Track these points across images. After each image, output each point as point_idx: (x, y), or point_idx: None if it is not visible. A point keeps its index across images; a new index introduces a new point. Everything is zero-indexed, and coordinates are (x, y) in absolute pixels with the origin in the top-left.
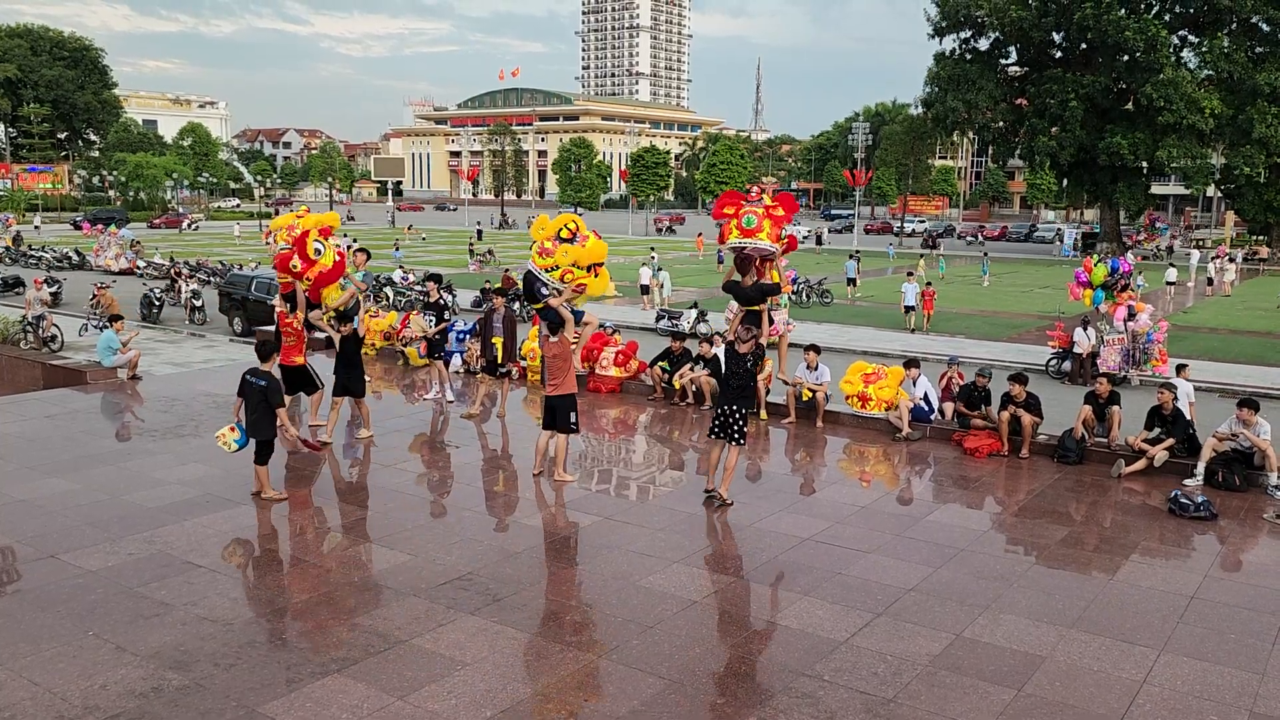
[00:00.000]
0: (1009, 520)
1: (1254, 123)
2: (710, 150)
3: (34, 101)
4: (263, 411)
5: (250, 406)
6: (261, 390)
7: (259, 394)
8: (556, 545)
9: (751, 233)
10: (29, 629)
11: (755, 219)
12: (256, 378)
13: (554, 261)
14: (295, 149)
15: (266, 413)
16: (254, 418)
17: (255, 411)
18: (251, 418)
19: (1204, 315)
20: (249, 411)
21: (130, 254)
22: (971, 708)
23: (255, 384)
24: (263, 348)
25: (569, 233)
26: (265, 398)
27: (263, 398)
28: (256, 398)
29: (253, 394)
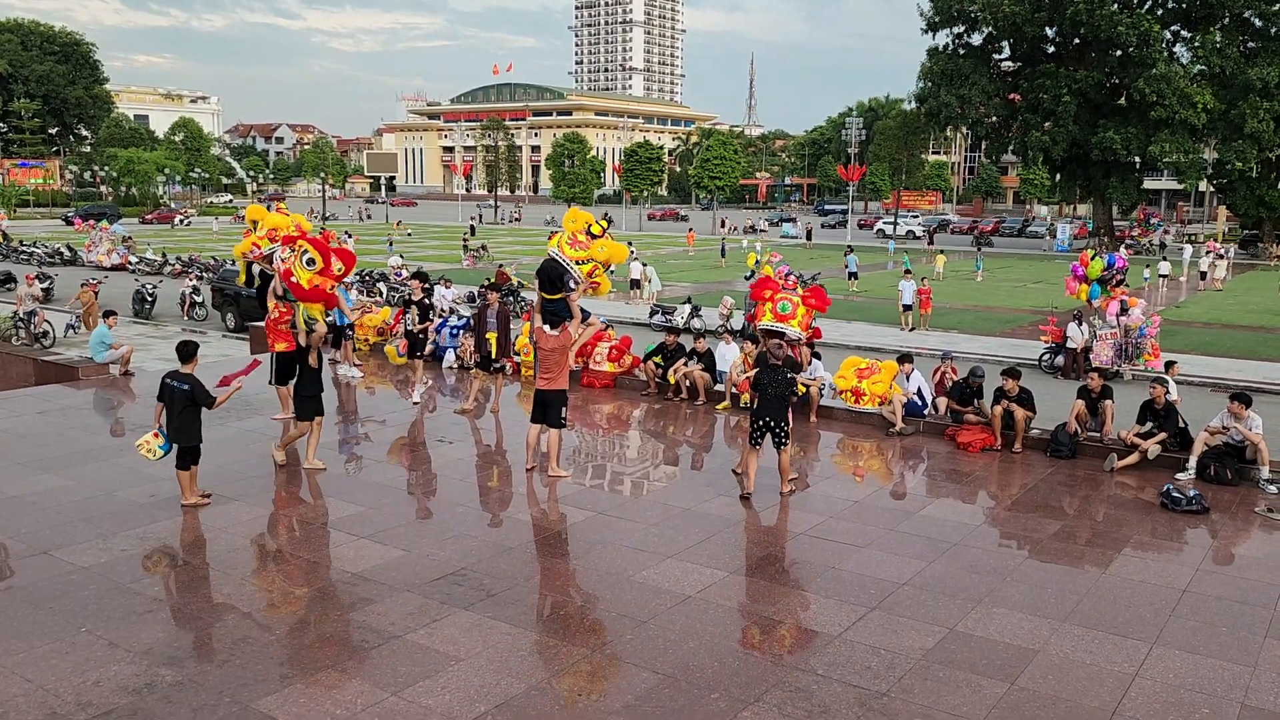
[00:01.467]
0: (1002, 515)
1: (1246, 118)
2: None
3: (25, 97)
4: (188, 416)
5: (173, 412)
6: (186, 394)
7: (183, 398)
8: (550, 540)
9: (785, 318)
10: (21, 626)
11: (790, 306)
12: (178, 381)
13: (588, 255)
14: (288, 144)
15: (192, 417)
16: (178, 423)
17: (179, 417)
18: (175, 423)
19: (1196, 310)
20: (171, 417)
21: (122, 249)
22: (965, 701)
23: (178, 388)
24: (184, 349)
25: (600, 229)
26: (192, 401)
27: (188, 401)
28: (180, 402)
29: (176, 398)
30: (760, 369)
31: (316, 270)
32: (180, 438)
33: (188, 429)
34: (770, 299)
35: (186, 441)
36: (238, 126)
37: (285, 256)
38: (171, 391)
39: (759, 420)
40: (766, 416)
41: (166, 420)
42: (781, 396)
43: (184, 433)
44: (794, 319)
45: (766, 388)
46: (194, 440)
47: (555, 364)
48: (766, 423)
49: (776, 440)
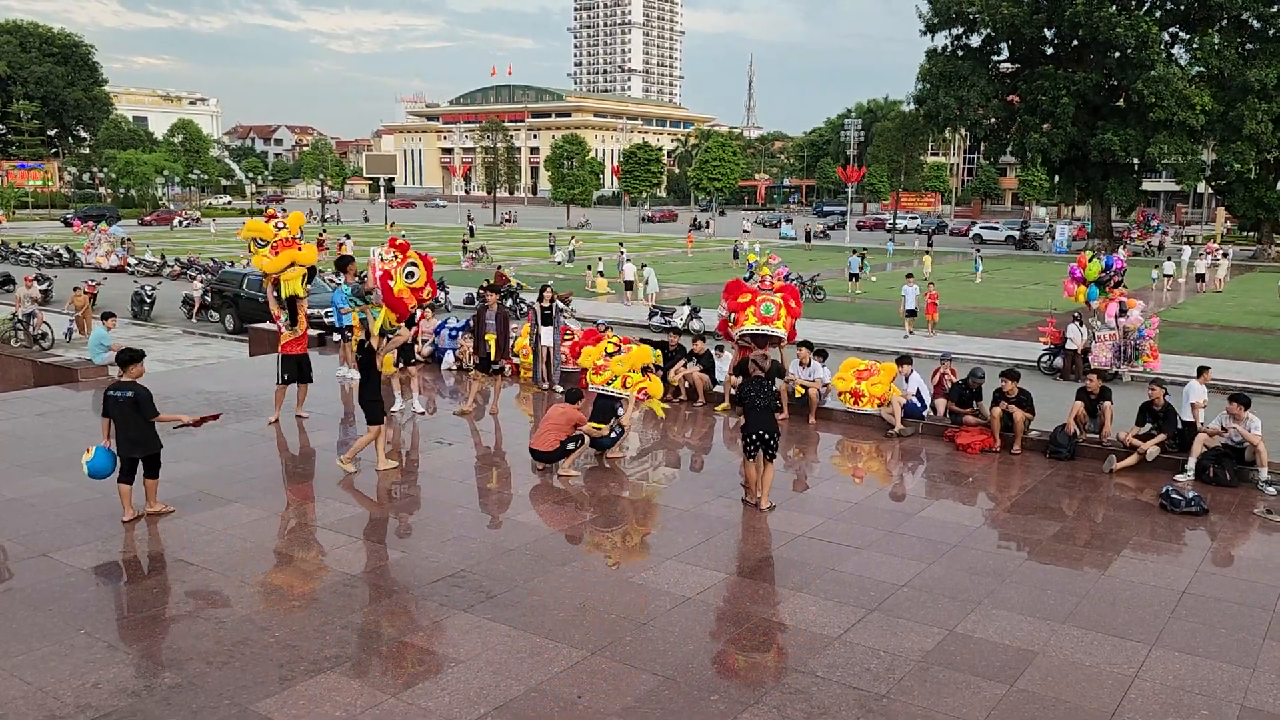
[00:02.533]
0: (1001, 516)
1: (1245, 119)
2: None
3: (23, 98)
4: (139, 424)
5: (123, 423)
6: (131, 402)
7: (129, 406)
8: (549, 542)
9: (769, 320)
10: (20, 628)
11: (774, 308)
12: (121, 390)
13: (611, 374)
14: (287, 146)
15: (144, 424)
16: (133, 434)
17: (132, 427)
18: (130, 434)
19: (1195, 311)
20: (123, 429)
21: (121, 251)
22: (964, 703)
23: (122, 397)
24: (124, 356)
25: (614, 347)
26: (136, 410)
27: (134, 410)
28: (127, 412)
29: (123, 408)
30: (745, 382)
31: (412, 284)
32: (137, 449)
33: (144, 438)
34: (751, 303)
35: (145, 451)
36: (237, 128)
37: (388, 258)
38: (116, 403)
39: (751, 435)
40: (760, 430)
41: (117, 433)
42: (770, 408)
43: (141, 443)
44: (778, 320)
45: (755, 400)
46: (154, 448)
47: (554, 431)
48: (761, 436)
49: (769, 454)
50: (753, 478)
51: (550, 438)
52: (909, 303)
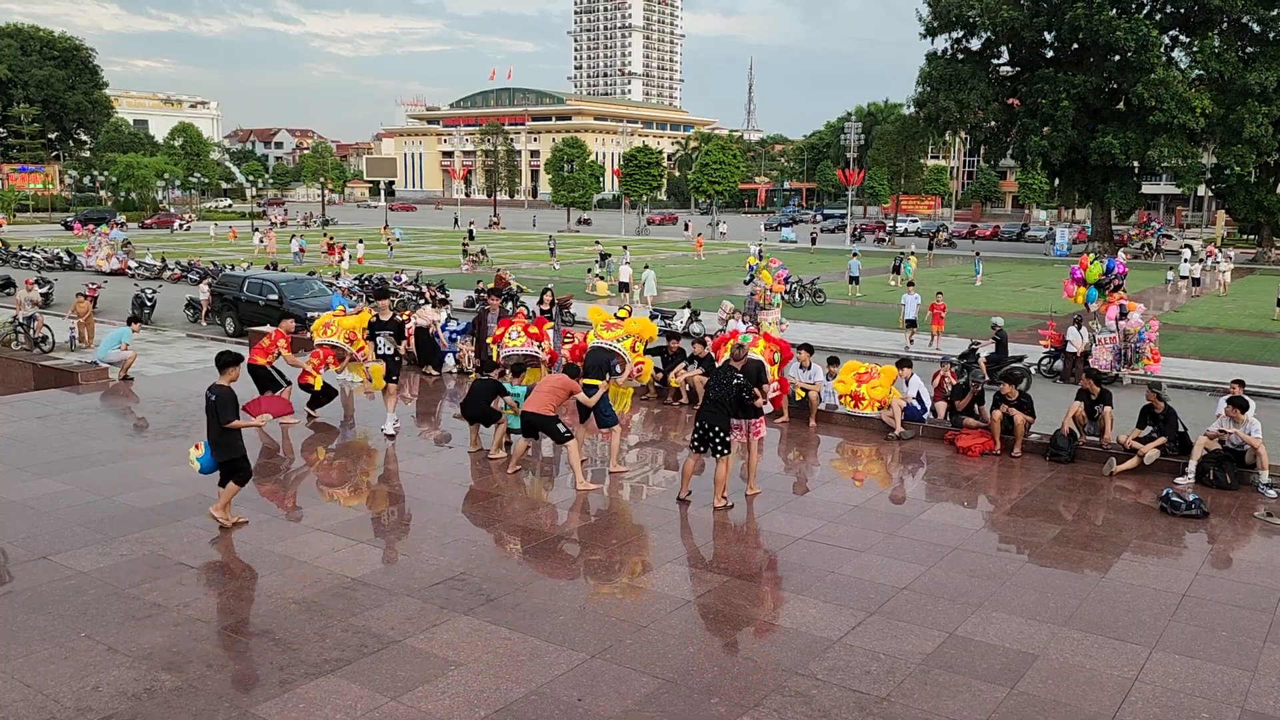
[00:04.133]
0: (1001, 519)
1: (1244, 122)
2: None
3: (24, 101)
4: (215, 428)
5: (207, 424)
6: (211, 405)
7: (209, 409)
8: (549, 545)
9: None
10: (21, 631)
11: (751, 338)
12: (210, 392)
13: (623, 331)
14: (287, 149)
15: (219, 430)
16: (210, 436)
17: (210, 429)
18: (210, 436)
19: (1195, 314)
20: (209, 429)
21: (121, 254)
22: (964, 706)
23: (208, 399)
24: (220, 359)
25: (625, 314)
26: (214, 413)
27: (213, 412)
28: (209, 414)
29: (208, 410)
30: (716, 370)
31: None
32: (216, 451)
33: (219, 441)
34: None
35: (222, 455)
36: (237, 131)
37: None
38: (206, 403)
39: (698, 425)
40: (705, 422)
41: (208, 433)
42: (721, 401)
43: (218, 446)
44: (756, 348)
45: (709, 390)
46: (229, 455)
47: (549, 394)
48: (703, 429)
49: (714, 449)
50: (689, 473)
51: (544, 399)
52: (909, 312)
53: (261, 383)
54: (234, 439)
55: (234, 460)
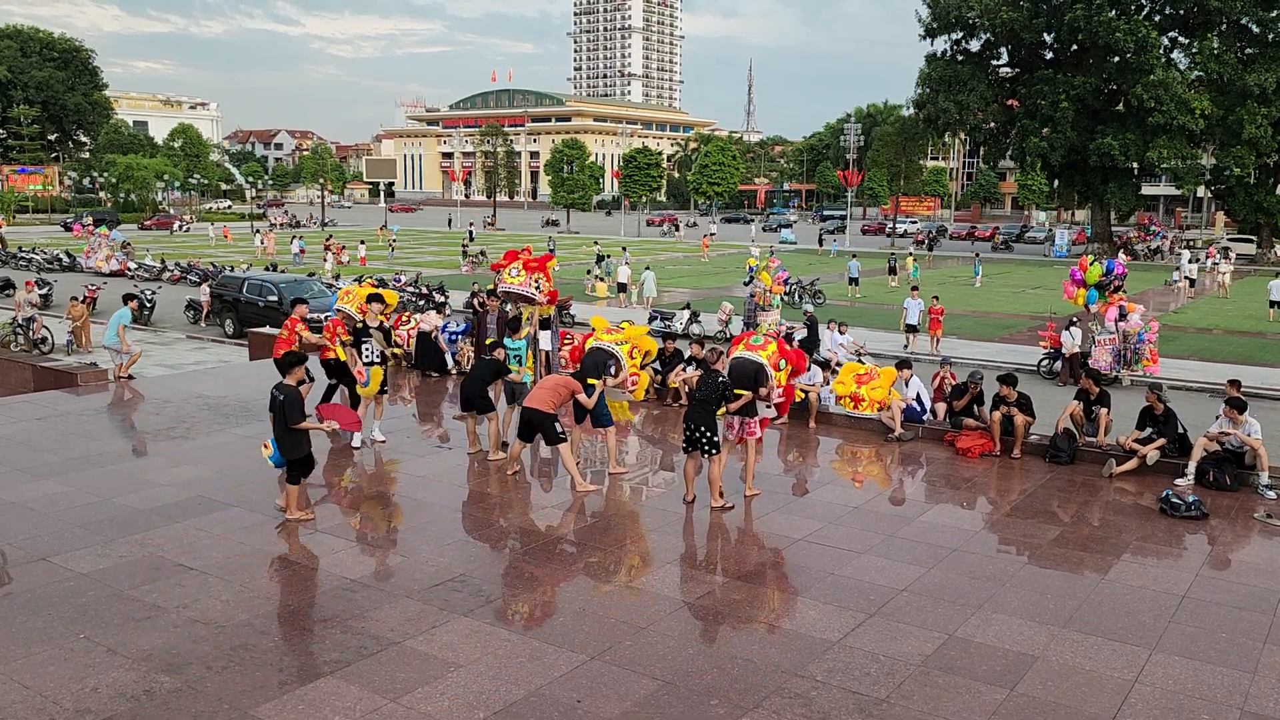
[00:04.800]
0: (1001, 520)
1: (1244, 123)
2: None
3: (24, 103)
4: (280, 427)
5: (275, 422)
6: (279, 405)
7: (276, 408)
8: (549, 546)
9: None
10: (20, 632)
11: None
12: (277, 391)
13: (623, 336)
14: (287, 150)
15: (284, 429)
16: (278, 434)
17: (275, 428)
18: (277, 434)
19: (1194, 315)
20: (274, 428)
21: (121, 255)
22: (964, 707)
23: (275, 398)
24: (284, 359)
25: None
26: (281, 412)
27: (280, 412)
28: (275, 413)
29: (274, 409)
30: (703, 373)
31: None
32: (284, 449)
33: (284, 440)
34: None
35: (287, 454)
36: (237, 132)
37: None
38: (271, 402)
39: (686, 426)
40: (690, 424)
41: (273, 431)
42: (707, 401)
43: (286, 444)
44: (764, 350)
45: (696, 391)
46: (295, 453)
47: (550, 391)
48: (690, 430)
49: (704, 449)
50: (690, 475)
51: (545, 397)
52: (910, 316)
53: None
54: (300, 438)
55: (299, 460)
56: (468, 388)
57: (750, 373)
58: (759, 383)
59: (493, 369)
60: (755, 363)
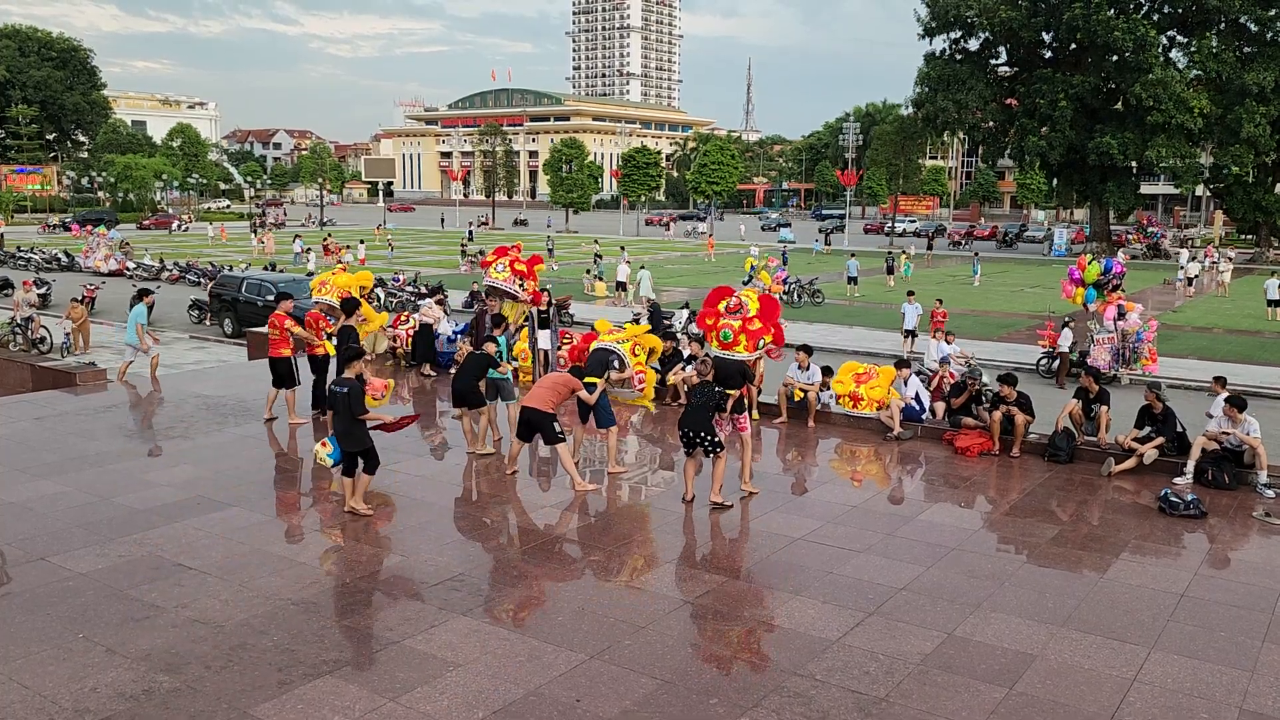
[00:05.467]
0: (1000, 519)
1: (1242, 122)
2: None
3: (22, 102)
4: (349, 421)
5: (335, 417)
6: (344, 398)
7: (342, 402)
8: (548, 546)
9: (728, 346)
10: (19, 632)
11: (731, 334)
12: (340, 386)
13: (625, 335)
14: (285, 150)
15: (349, 422)
16: (342, 428)
17: (340, 422)
18: (340, 428)
19: (1193, 314)
20: (335, 423)
21: (120, 255)
22: (963, 706)
23: (338, 392)
24: (344, 354)
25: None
26: (347, 406)
27: (345, 406)
28: (340, 407)
29: (337, 402)
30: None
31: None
32: (345, 442)
33: (349, 433)
34: (715, 326)
35: (351, 446)
36: (235, 132)
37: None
38: (333, 397)
39: (682, 431)
40: (688, 428)
41: (333, 426)
42: (703, 407)
43: (349, 437)
44: (738, 345)
45: (692, 396)
46: (359, 445)
47: (550, 390)
48: (688, 435)
49: (707, 451)
50: (690, 475)
51: (545, 396)
52: (909, 321)
53: (281, 377)
54: (364, 430)
55: (366, 450)
56: (458, 382)
57: (736, 371)
58: (746, 378)
59: (483, 363)
60: (737, 362)
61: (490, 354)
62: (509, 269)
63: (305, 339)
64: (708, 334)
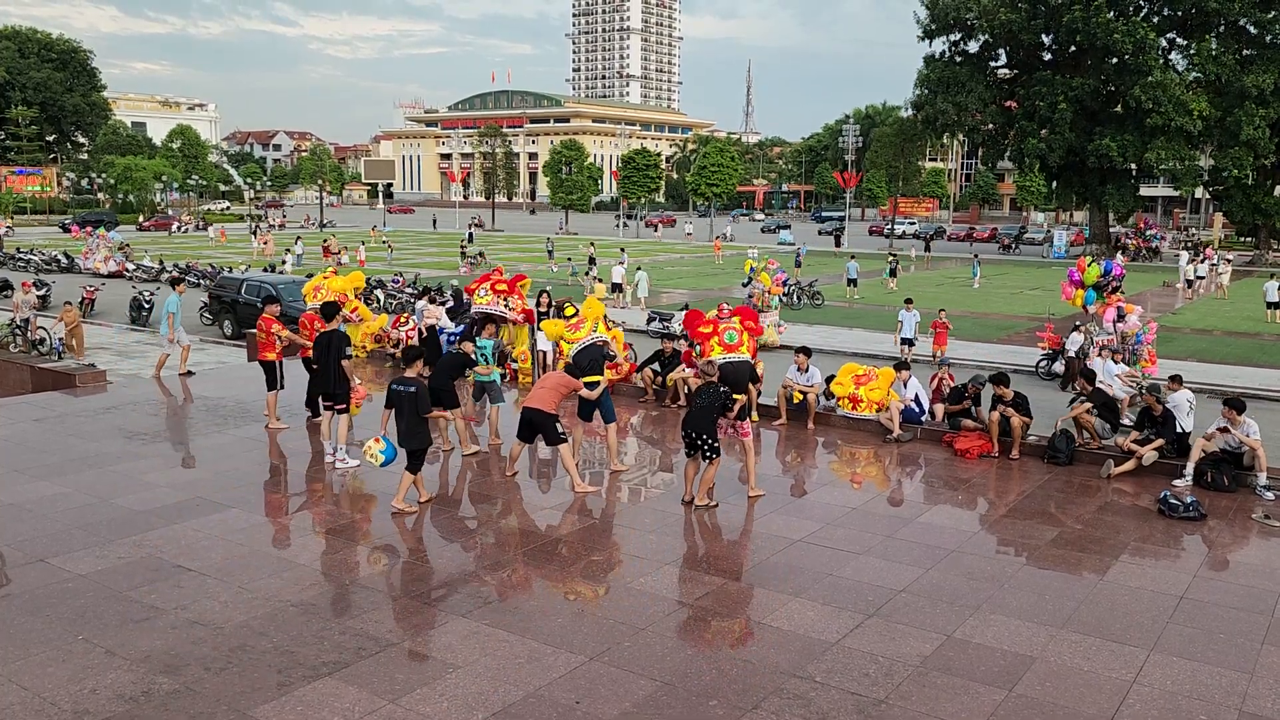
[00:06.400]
0: (999, 521)
1: (1242, 125)
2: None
3: (22, 104)
4: (415, 419)
5: (400, 415)
6: (412, 397)
7: (409, 401)
8: (547, 547)
9: (734, 347)
10: (18, 633)
11: (736, 335)
12: (404, 385)
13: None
14: (285, 151)
15: (417, 420)
16: (406, 426)
17: (407, 420)
18: (404, 426)
19: (1192, 316)
20: (400, 420)
21: (119, 256)
22: (963, 708)
23: (405, 391)
24: (408, 354)
25: (572, 309)
26: (414, 404)
27: (412, 404)
28: (407, 406)
29: (402, 402)
30: (699, 386)
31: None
32: (410, 440)
33: (416, 431)
34: (714, 333)
35: (417, 444)
36: (235, 134)
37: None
38: (399, 396)
39: (685, 433)
40: (692, 431)
41: (395, 425)
42: (709, 408)
43: (414, 435)
44: (742, 346)
45: (696, 398)
46: (422, 443)
47: (550, 391)
48: (692, 436)
49: (705, 455)
50: (690, 476)
51: (545, 396)
52: (906, 330)
53: (271, 378)
54: (426, 428)
55: (424, 449)
56: (433, 380)
57: (744, 374)
58: (753, 379)
59: (458, 363)
60: (745, 364)
61: (468, 353)
62: (490, 292)
63: (293, 342)
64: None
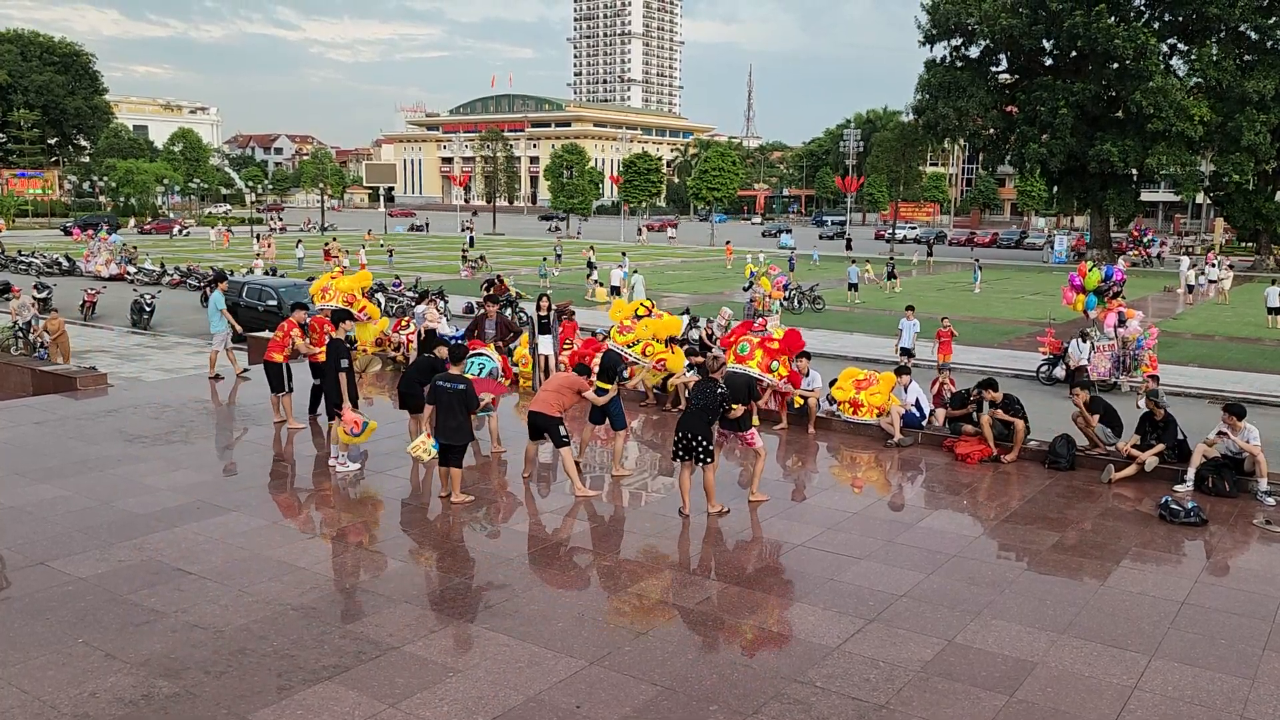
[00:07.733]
0: (1000, 526)
1: (1243, 130)
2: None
3: (24, 107)
4: (460, 415)
5: (445, 412)
6: (460, 394)
7: (457, 398)
8: (548, 552)
9: (743, 359)
10: (18, 637)
11: (749, 347)
12: (450, 383)
13: (635, 336)
14: (287, 155)
15: (464, 417)
16: (453, 423)
17: (453, 416)
18: (451, 423)
19: (1193, 322)
20: (445, 417)
21: (122, 259)
22: (963, 713)
23: (451, 388)
24: (455, 351)
25: (645, 311)
26: (463, 402)
27: (460, 402)
28: (457, 403)
29: (452, 398)
30: (696, 383)
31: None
32: (455, 436)
33: (464, 428)
34: (734, 339)
35: (463, 439)
36: (236, 137)
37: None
38: (445, 393)
39: (678, 434)
40: (686, 432)
41: (441, 421)
42: (704, 410)
43: (461, 431)
44: (752, 360)
45: (693, 400)
46: (467, 438)
47: (555, 393)
48: (686, 439)
49: (698, 458)
50: (685, 487)
51: (550, 399)
52: (905, 339)
53: (275, 380)
54: (470, 425)
55: (467, 444)
56: (403, 384)
57: (743, 386)
58: (752, 395)
59: (429, 366)
60: (747, 376)
61: (441, 357)
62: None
63: (305, 353)
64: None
